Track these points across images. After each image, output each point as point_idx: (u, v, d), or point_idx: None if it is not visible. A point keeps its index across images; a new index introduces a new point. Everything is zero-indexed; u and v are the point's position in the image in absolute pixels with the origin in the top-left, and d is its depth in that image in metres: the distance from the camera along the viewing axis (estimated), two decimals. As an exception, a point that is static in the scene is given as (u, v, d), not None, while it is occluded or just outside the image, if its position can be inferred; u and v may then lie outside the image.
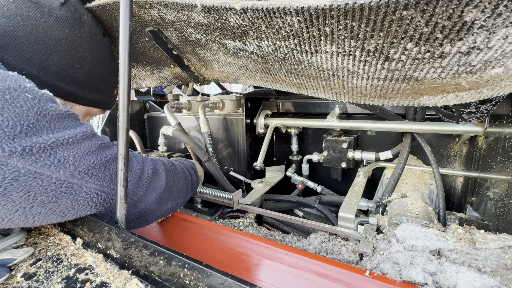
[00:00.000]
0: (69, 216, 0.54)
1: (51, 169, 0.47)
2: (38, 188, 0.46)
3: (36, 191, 0.46)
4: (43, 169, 0.46)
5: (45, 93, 0.51)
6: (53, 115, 0.50)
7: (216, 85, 2.17)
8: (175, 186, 0.79)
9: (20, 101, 0.45)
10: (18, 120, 0.44)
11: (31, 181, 0.45)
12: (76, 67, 0.69)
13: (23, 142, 0.44)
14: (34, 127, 0.46)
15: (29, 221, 0.48)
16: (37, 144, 0.45)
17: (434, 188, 0.99)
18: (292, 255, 0.63)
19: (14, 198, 0.43)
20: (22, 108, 0.45)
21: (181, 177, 0.84)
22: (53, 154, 0.47)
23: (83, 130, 0.54)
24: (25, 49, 0.60)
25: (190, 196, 0.93)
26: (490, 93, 0.58)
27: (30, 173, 0.44)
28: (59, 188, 0.48)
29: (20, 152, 0.43)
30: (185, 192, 0.85)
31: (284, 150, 1.51)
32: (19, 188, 0.43)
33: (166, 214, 0.80)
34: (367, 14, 0.43)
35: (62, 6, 0.67)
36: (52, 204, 0.49)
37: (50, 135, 0.48)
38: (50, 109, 0.50)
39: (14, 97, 0.45)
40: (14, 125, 0.43)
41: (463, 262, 0.55)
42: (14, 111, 0.44)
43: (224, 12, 0.55)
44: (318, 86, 0.74)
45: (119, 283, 0.49)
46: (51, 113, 0.50)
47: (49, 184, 0.47)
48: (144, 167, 0.70)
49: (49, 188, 0.47)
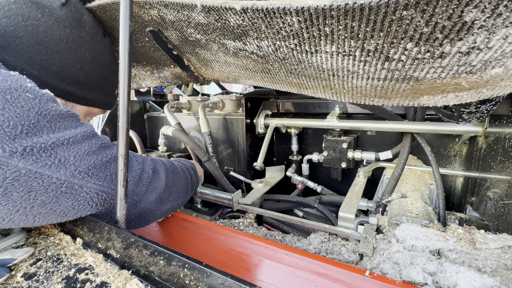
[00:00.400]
0: (69, 216, 0.54)
1: (51, 169, 0.47)
2: (38, 188, 0.46)
3: (37, 191, 0.46)
4: (44, 169, 0.46)
5: (46, 93, 0.51)
6: (53, 115, 0.50)
7: (216, 85, 2.17)
8: (175, 186, 0.79)
9: (21, 101, 0.45)
10: (19, 120, 0.44)
11: (32, 181, 0.45)
12: (77, 67, 0.69)
13: (24, 142, 0.44)
14: (35, 127, 0.46)
15: (30, 221, 0.48)
16: (37, 144, 0.45)
17: (434, 188, 0.99)
18: (292, 255, 0.63)
19: (15, 198, 0.44)
20: (23, 108, 0.45)
21: (181, 177, 0.84)
22: (53, 154, 0.47)
23: (83, 130, 0.54)
24: (26, 49, 0.60)
25: (190, 196, 0.93)
26: (490, 93, 0.58)
27: (31, 173, 0.44)
28: (59, 188, 0.48)
29: (21, 152, 0.43)
30: (185, 192, 0.85)
31: (284, 150, 1.51)
32: (20, 188, 0.43)
33: (166, 214, 0.80)
34: (367, 14, 0.43)
35: (63, 7, 0.67)
36: (52, 204, 0.49)
37: (51, 135, 0.48)
38: (51, 109, 0.50)
39: (15, 97, 0.45)
40: (15, 125, 0.43)
41: (463, 262, 0.55)
42: (15, 111, 0.44)
43: (224, 12, 0.55)
44: (318, 86, 0.74)
45: (119, 283, 0.49)
46: (52, 113, 0.50)
47: (50, 184, 0.47)
48: (144, 167, 0.70)
49: (49, 188, 0.47)
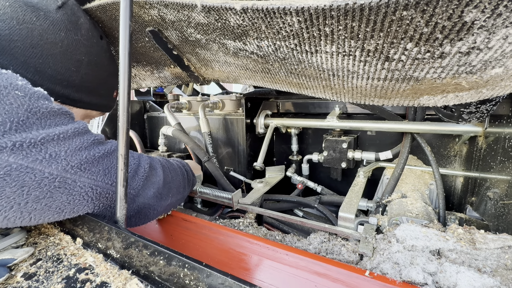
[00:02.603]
0: (66, 213, 0.54)
1: (43, 163, 0.47)
2: (31, 183, 0.46)
3: (30, 186, 0.46)
4: (35, 163, 0.46)
5: (38, 91, 0.51)
6: (44, 112, 0.50)
7: (216, 85, 2.17)
8: (173, 182, 0.80)
9: (10, 99, 0.46)
10: (8, 117, 0.45)
11: (24, 175, 0.45)
12: (72, 70, 0.69)
13: (13, 138, 0.44)
14: (24, 124, 0.47)
15: (26, 219, 0.48)
16: (27, 139, 0.46)
17: (434, 188, 0.99)
18: (292, 255, 0.63)
19: (7, 193, 0.44)
20: (12, 106, 0.46)
21: (178, 173, 0.85)
22: (43, 149, 0.48)
23: (74, 127, 0.54)
24: (21, 53, 0.60)
25: (188, 192, 0.93)
26: (490, 93, 0.58)
27: (22, 167, 0.45)
28: (52, 182, 0.49)
29: (11, 147, 0.44)
30: (183, 188, 0.86)
31: (284, 150, 1.51)
32: (12, 183, 0.44)
33: (166, 210, 0.81)
34: (367, 14, 0.43)
35: (58, 10, 0.66)
36: (47, 200, 0.49)
37: (41, 131, 0.48)
38: (42, 106, 0.50)
39: (4, 94, 0.46)
40: (3, 122, 0.44)
41: (463, 262, 0.55)
42: (4, 108, 0.45)
43: (224, 12, 0.55)
44: (318, 86, 0.74)
45: (119, 283, 0.49)
46: (42, 110, 0.50)
47: (42, 178, 0.47)
48: (141, 162, 0.70)
49: (42, 182, 0.47)
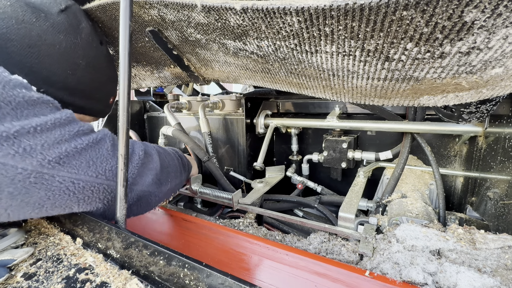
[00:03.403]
0: (48, 208, 0.51)
1: (15, 158, 0.44)
2: (2, 179, 0.43)
3: (1, 182, 0.43)
4: (6, 158, 0.43)
5: (15, 79, 0.48)
6: (20, 101, 0.47)
7: (216, 85, 2.17)
8: (170, 167, 0.80)
9: None
10: None
11: None
12: (68, 73, 0.68)
13: None
14: None
15: (3, 215, 0.46)
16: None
17: (434, 188, 0.99)
18: (292, 255, 0.63)
19: None
20: None
21: (173, 158, 0.85)
22: (17, 143, 0.44)
23: (55, 117, 0.51)
24: (17, 52, 0.59)
25: (186, 177, 0.93)
26: (490, 93, 0.58)
27: None
28: (27, 178, 0.45)
29: None
30: (179, 172, 0.86)
31: (284, 150, 1.51)
32: None
33: (167, 195, 0.80)
34: (367, 14, 0.43)
35: (61, 13, 0.66)
36: (23, 196, 0.46)
37: (14, 122, 0.45)
38: (17, 95, 0.46)
39: None
40: None
41: (463, 262, 0.55)
42: None
43: (224, 12, 0.55)
44: (318, 86, 0.74)
45: (119, 283, 0.49)
46: (18, 99, 0.46)
47: (15, 174, 0.44)
48: (134, 150, 0.68)
49: (15, 178, 0.44)
